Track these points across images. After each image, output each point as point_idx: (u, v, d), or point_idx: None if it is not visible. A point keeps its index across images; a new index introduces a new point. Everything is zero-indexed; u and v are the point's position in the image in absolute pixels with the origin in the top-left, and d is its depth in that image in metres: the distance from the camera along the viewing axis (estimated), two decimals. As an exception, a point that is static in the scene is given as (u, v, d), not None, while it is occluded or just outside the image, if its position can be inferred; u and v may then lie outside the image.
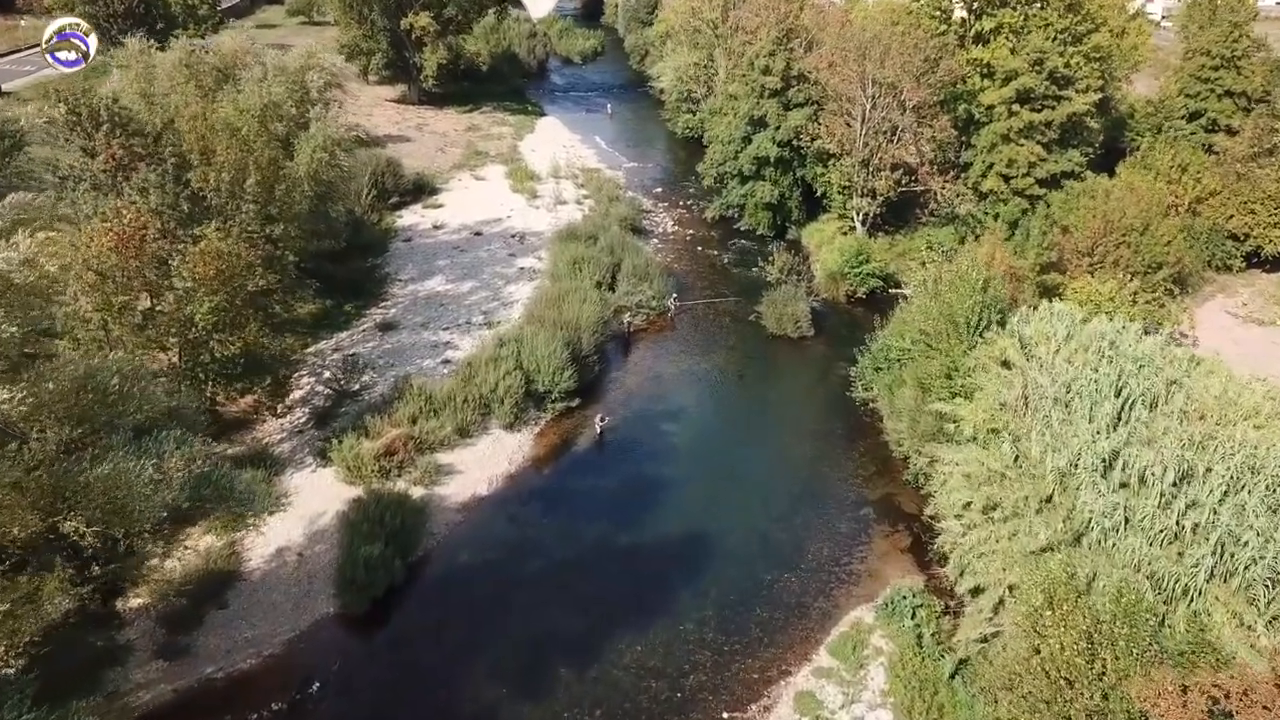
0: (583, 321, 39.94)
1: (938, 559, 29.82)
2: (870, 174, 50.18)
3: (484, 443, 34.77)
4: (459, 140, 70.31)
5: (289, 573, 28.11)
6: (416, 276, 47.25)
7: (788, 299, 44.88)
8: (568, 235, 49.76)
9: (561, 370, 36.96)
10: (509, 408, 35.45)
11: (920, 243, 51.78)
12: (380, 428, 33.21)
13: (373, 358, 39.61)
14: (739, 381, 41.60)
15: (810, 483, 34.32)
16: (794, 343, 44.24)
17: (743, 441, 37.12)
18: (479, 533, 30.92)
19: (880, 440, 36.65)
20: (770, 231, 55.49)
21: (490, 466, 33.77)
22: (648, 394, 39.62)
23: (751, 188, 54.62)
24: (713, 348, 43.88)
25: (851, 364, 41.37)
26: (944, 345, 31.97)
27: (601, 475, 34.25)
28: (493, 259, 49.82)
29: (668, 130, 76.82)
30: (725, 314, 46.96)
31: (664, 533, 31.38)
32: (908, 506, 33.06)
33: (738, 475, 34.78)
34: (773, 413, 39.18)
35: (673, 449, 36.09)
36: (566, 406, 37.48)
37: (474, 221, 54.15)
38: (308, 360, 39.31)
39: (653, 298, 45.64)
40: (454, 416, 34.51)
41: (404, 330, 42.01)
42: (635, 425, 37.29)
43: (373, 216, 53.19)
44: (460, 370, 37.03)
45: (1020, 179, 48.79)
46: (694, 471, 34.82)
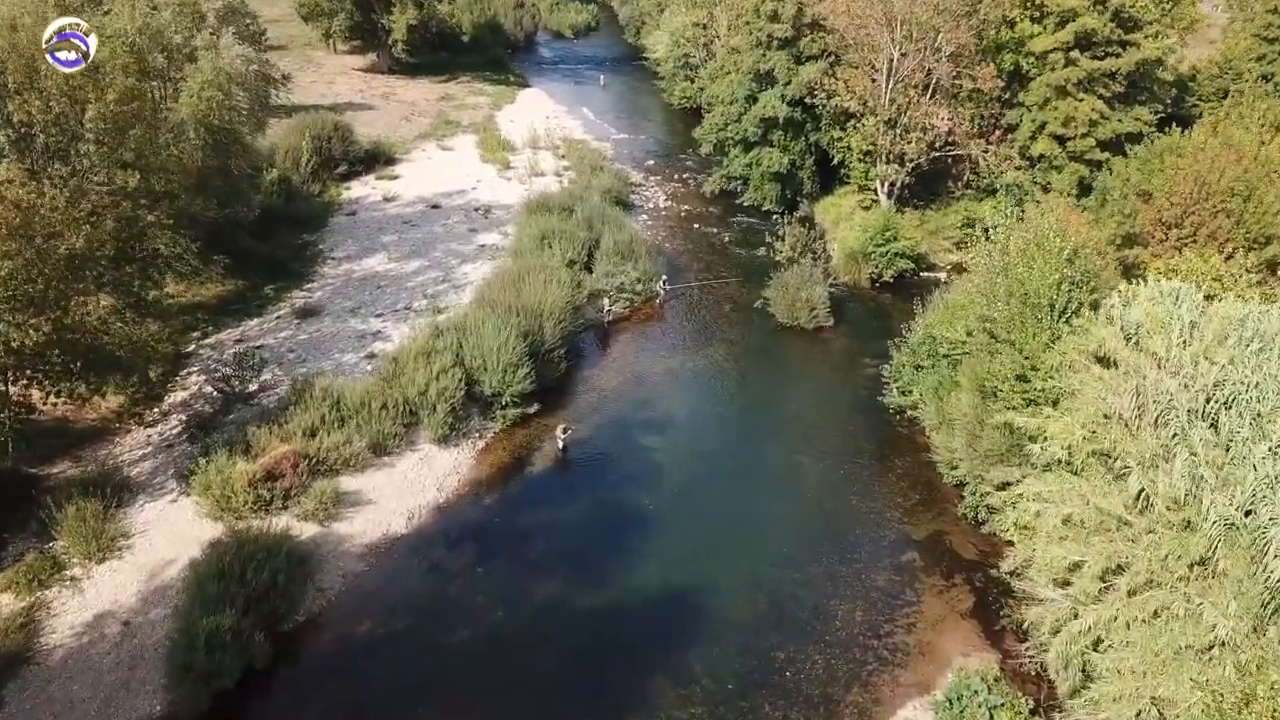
0: (547, 307, 31.45)
1: (1016, 629, 21.34)
2: (898, 136, 41.61)
3: (407, 462, 26.29)
4: (428, 110, 61.81)
5: (105, 652, 19.64)
6: (354, 254, 38.79)
7: (801, 282, 36.35)
8: (538, 207, 41.24)
9: (515, 368, 28.51)
10: (443, 416, 26.98)
11: (954, 218, 43.40)
12: (266, 442, 24.78)
13: (281, 351, 31.19)
14: (741, 383, 33.09)
15: (834, 518, 25.80)
16: (809, 335, 35.71)
17: (746, 462, 28.60)
18: (389, 588, 22.48)
19: (923, 459, 28.13)
20: (778, 207, 46.85)
21: (413, 494, 25.31)
22: (627, 399, 31.15)
23: (757, 155, 46.05)
24: (709, 341, 35.36)
25: (882, 361, 32.86)
26: (1016, 336, 23.43)
27: (562, 506, 25.77)
28: (449, 235, 41.34)
29: (663, 101, 68.12)
30: (725, 300, 38.44)
31: (640, 588, 22.92)
32: (965, 550, 24.55)
33: (740, 508, 26.30)
34: (784, 424, 30.64)
35: (656, 471, 27.60)
36: (521, 414, 29.02)
37: (432, 194, 45.67)
38: (201, 354, 30.94)
39: (637, 280, 37.14)
40: (368, 427, 26.06)
41: (327, 317, 33.56)
42: (609, 439, 28.82)
43: (312, 186, 44.78)
44: (382, 368, 28.57)
45: (1078, 140, 40.17)
46: (682, 502, 26.34)
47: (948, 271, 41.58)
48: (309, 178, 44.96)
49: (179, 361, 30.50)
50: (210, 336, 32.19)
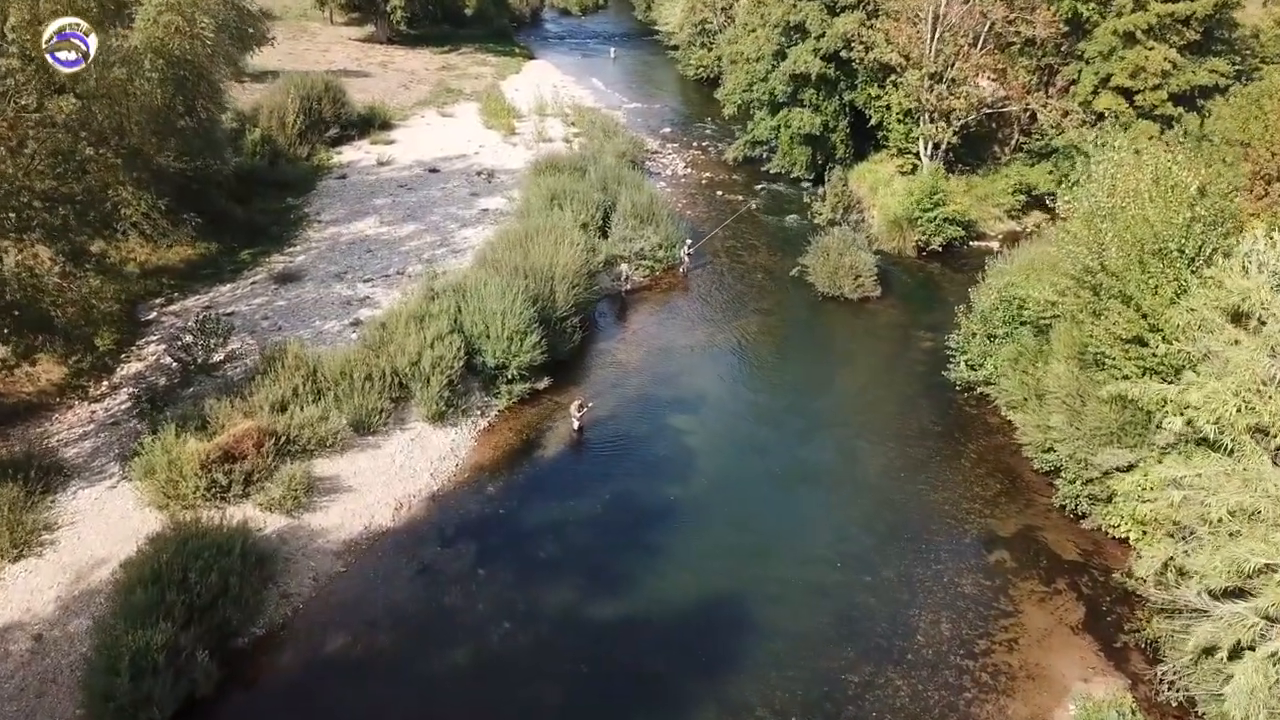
0: (559, 269, 27.21)
1: (1145, 647, 17.10)
2: (945, 91, 37.29)
3: (395, 443, 22.04)
4: (428, 78, 57.53)
5: (7, 674, 15.43)
6: (342, 218, 34.53)
7: (844, 247, 32.08)
8: (547, 167, 36.93)
9: (522, 336, 24.27)
10: (438, 390, 22.73)
11: (1004, 184, 39.04)
12: (226, 418, 20.56)
13: (255, 319, 26.97)
14: (780, 358, 28.81)
15: (903, 511, 21.51)
16: (853, 306, 31.41)
17: (792, 446, 24.32)
18: (370, 594, 18.25)
19: (999, 442, 23.87)
20: (808, 173, 42.58)
21: (401, 481, 21.06)
22: (650, 374, 26.90)
23: (785, 116, 41.71)
24: (741, 312, 31.07)
25: (938, 334, 28.65)
26: (1133, 290, 19.11)
27: (577, 496, 21.52)
28: (448, 198, 37.09)
29: (677, 73, 63.86)
30: (756, 268, 34.15)
31: (674, 597, 18.71)
32: (1063, 548, 20.26)
33: (790, 500, 22.05)
34: (833, 404, 26.35)
35: (686, 457, 23.36)
36: (529, 389, 24.78)
37: (431, 158, 41.40)
38: (164, 322, 26.74)
39: (658, 246, 32.87)
40: (349, 401, 21.82)
41: (309, 282, 29.32)
42: (630, 419, 24.57)
43: (300, 149, 40.52)
44: (368, 334, 24.33)
45: (1148, 94, 35.81)
46: (720, 492, 22.11)
47: (999, 240, 37.31)
48: (296, 140, 40.68)
49: (136, 330, 26.44)
50: (175, 303, 27.98)
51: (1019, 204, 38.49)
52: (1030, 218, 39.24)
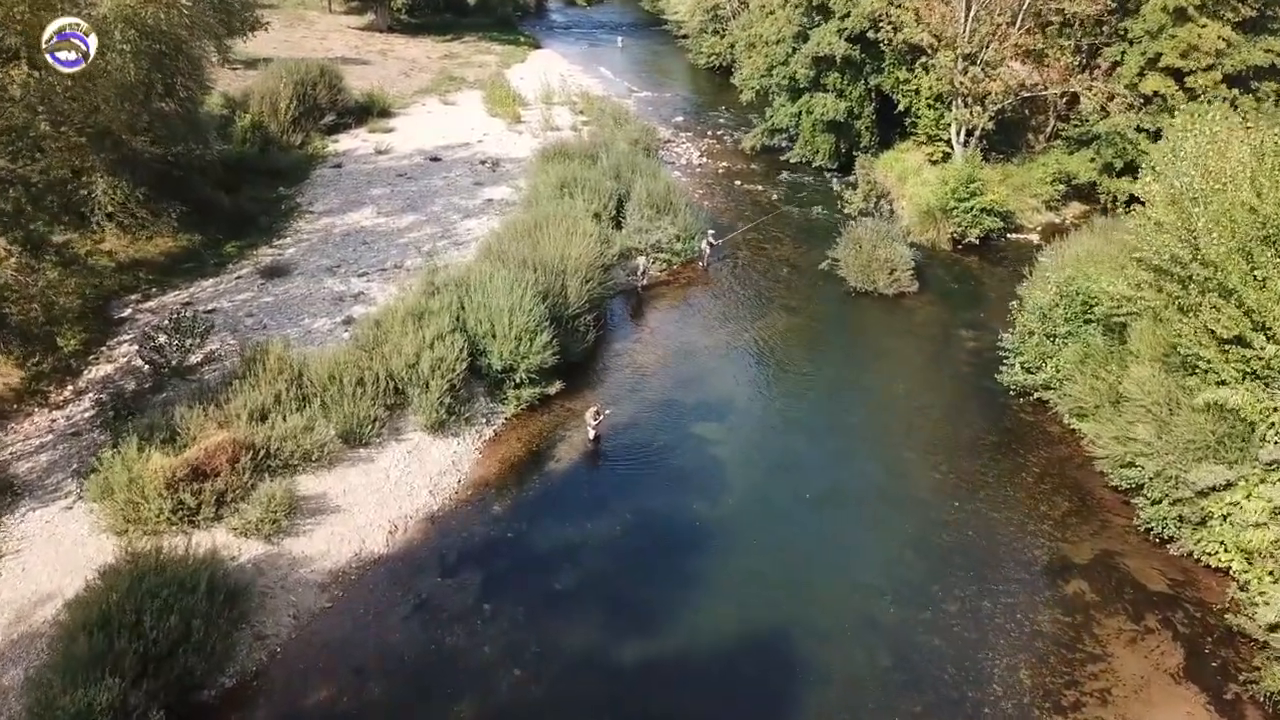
0: (570, 263, 24.68)
1: (1269, 700, 14.56)
2: (980, 74, 34.67)
3: (390, 456, 19.50)
4: (430, 67, 54.97)
5: (-76, 739, 13.01)
6: (337, 208, 32.00)
7: (878, 239, 29.51)
8: (556, 154, 34.38)
9: (532, 335, 21.72)
10: (438, 395, 20.18)
11: (1041, 174, 36.44)
12: (198, 428, 18.04)
13: (238, 316, 24.47)
14: (813, 359, 26.24)
15: (961, 533, 18.95)
16: (888, 302, 28.84)
17: (833, 458, 21.79)
18: (359, 634, 15.74)
19: (1064, 454, 21.31)
20: (831, 162, 40.01)
21: (397, 499, 18.54)
22: (671, 377, 24.35)
23: (807, 102, 39.11)
24: (767, 308, 28.50)
25: (982, 332, 26.22)
26: (1236, 282, 16.54)
27: (594, 516, 18.98)
28: (451, 188, 34.56)
29: (687, 62, 61.34)
30: (781, 262, 31.57)
31: (707, 635, 16.18)
32: (1150, 578, 17.69)
33: (833, 520, 19.50)
34: (874, 410, 23.77)
35: (715, 470, 20.83)
36: (540, 394, 22.23)
37: (432, 146, 38.86)
38: (139, 320, 24.23)
39: (677, 237, 30.32)
40: (338, 409, 19.29)
41: (298, 276, 26.80)
42: (651, 427, 22.04)
43: (293, 136, 38.00)
44: (361, 333, 21.80)
45: (1200, 75, 33.16)
46: (755, 511, 19.57)
47: (1039, 233, 34.73)
48: (289, 127, 38.14)
49: (108, 328, 23.95)
50: (153, 299, 25.47)
51: (1058, 194, 35.91)
52: (1069, 209, 36.70)
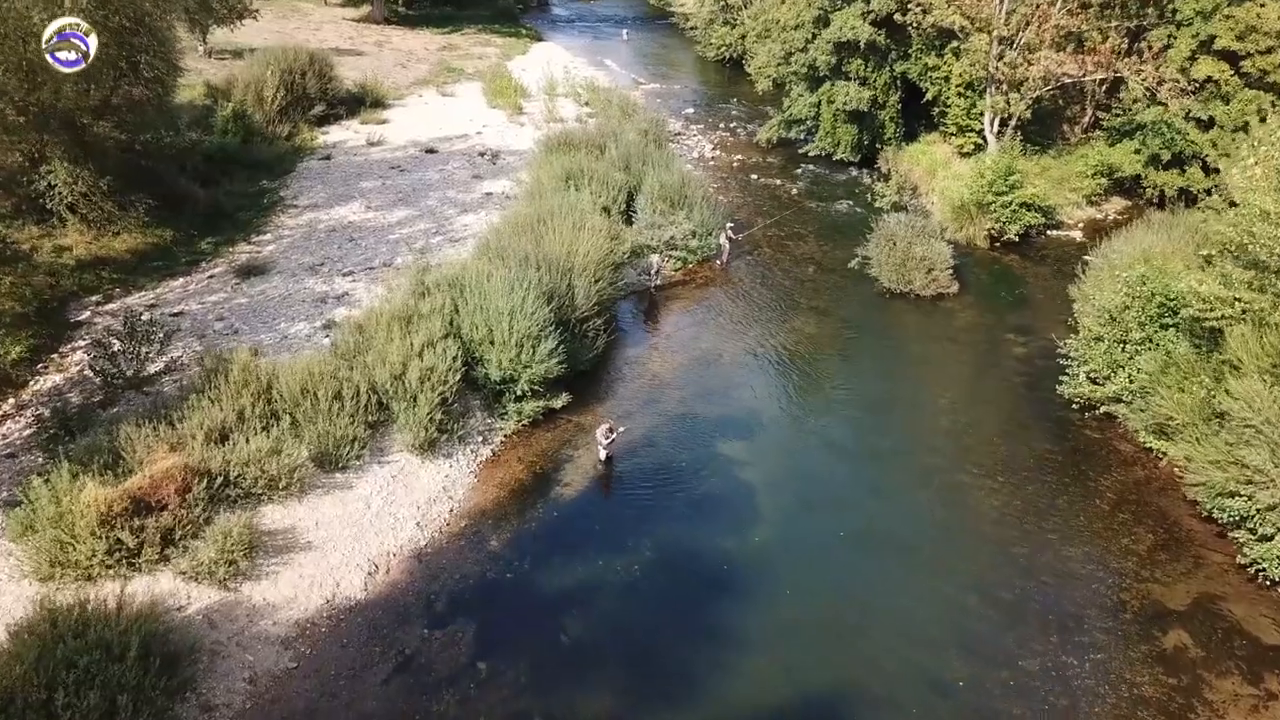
0: (578, 259, 22.04)
1: None
2: (1018, 58, 32.02)
3: (372, 482, 16.82)
4: (428, 58, 52.37)
5: None
6: (322, 202, 29.37)
7: (913, 236, 26.87)
8: (561, 144, 31.74)
9: (535, 341, 19.05)
10: (428, 410, 17.50)
11: (1081, 166, 33.82)
12: (145, 451, 15.38)
13: (207, 320, 21.83)
14: (847, 368, 23.55)
15: (1031, 573, 16.25)
16: (925, 304, 26.18)
17: (875, 482, 19.11)
18: (328, 705, 13.03)
19: (1142, 476, 18.63)
20: (854, 155, 37.34)
21: (377, 533, 15.86)
22: (690, 389, 21.68)
23: (829, 91, 36.44)
24: (793, 311, 25.82)
25: (1032, 337, 23.54)
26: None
27: (607, 551, 16.30)
28: (446, 181, 31.91)
29: (695, 55, 58.72)
30: (805, 260, 28.89)
31: (747, 699, 13.49)
32: (1262, 628, 14.98)
33: (879, 555, 16.80)
34: (918, 425, 21.08)
35: (744, 496, 18.14)
36: (544, 408, 19.55)
37: (428, 138, 36.27)
38: (98, 324, 21.58)
39: (693, 233, 27.67)
40: (311, 427, 16.62)
41: (277, 276, 24.16)
42: (670, 446, 19.36)
43: (279, 127, 35.41)
44: (341, 340, 19.12)
45: (1258, 59, 30.50)
46: (793, 545, 16.89)
47: (1081, 229, 32.09)
48: (275, 117, 35.57)
49: (62, 333, 21.33)
50: (115, 300, 22.83)
51: (1100, 189, 33.25)
52: (1110, 204, 34.06)
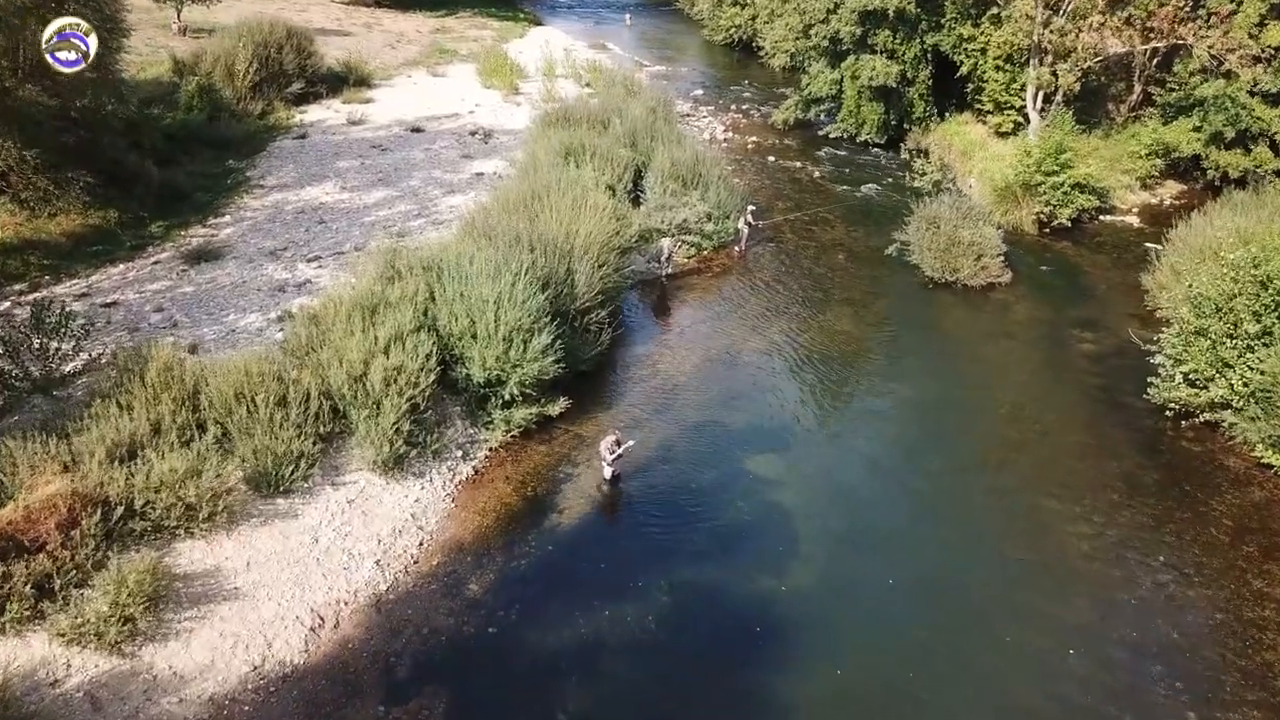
0: (579, 241, 18.72)
1: None
2: (1067, 24, 28.72)
3: (320, 508, 13.46)
4: (419, 40, 49.04)
5: None
6: (292, 182, 26.07)
7: (959, 220, 23.56)
8: (560, 119, 28.43)
9: (528, 334, 15.75)
10: (394, 420, 14.16)
11: (1132, 146, 30.47)
12: (38, 471, 12.05)
13: (143, 311, 18.52)
14: (890, 368, 20.18)
15: (1146, 623, 12.88)
16: (974, 295, 22.86)
17: (936, 506, 15.72)
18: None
19: (1261, 497, 15.30)
20: (879, 136, 34.05)
21: (326, 576, 12.50)
22: (709, 393, 18.35)
23: (853, 66, 33.11)
24: (824, 303, 22.49)
25: (1101, 333, 20.24)
26: None
27: (614, 597, 12.94)
28: (432, 161, 28.62)
29: (702, 40, 55.49)
30: (833, 246, 25.57)
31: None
32: None
33: (951, 597, 13.43)
34: (981, 436, 17.69)
35: (775, 526, 14.77)
36: (538, 416, 16.22)
37: (415, 117, 32.97)
38: (15, 315, 18.27)
39: (708, 216, 24.37)
40: (246, 442, 13.30)
41: (231, 262, 20.84)
42: (687, 463, 16.02)
43: (252, 104, 32.11)
44: (292, 334, 15.80)
45: (1337, 24, 27.27)
46: (839, 585, 13.53)
47: (1138, 215, 28.80)
48: (247, 94, 32.21)
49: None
50: (43, 288, 19.55)
51: (1155, 170, 29.92)
52: (1165, 188, 30.75)
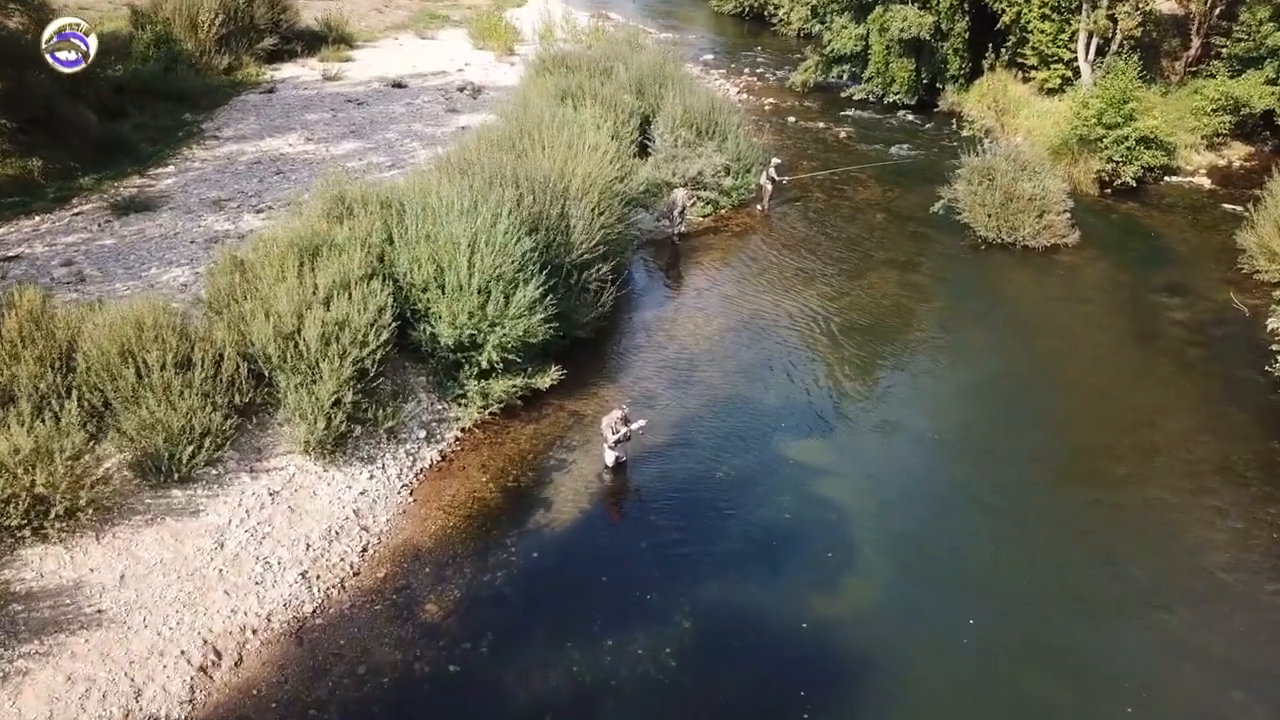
0: (576, 182, 15.40)
1: None
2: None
3: (231, 501, 10.13)
4: (410, 5, 45.72)
5: None
6: (251, 134, 22.76)
7: (1016, 173, 20.19)
8: (557, 64, 25.09)
9: (511, 285, 12.43)
10: (334, 388, 10.85)
11: (1196, 103, 27.06)
12: None
13: (49, 265, 15.21)
14: (949, 338, 16.80)
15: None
16: (1039, 257, 19.47)
17: (1029, 499, 12.37)
18: None
19: None
20: (909, 96, 30.66)
21: (230, 593, 9.18)
22: (732, 365, 15.02)
23: (881, 17, 29.72)
24: (863, 265, 19.10)
25: (1199, 299, 16.89)
26: None
27: (622, 626, 9.63)
28: (414, 114, 25.32)
29: (710, 9, 52.07)
30: (869, 206, 22.21)
31: None
32: None
33: (1077, 626, 10.10)
34: (1069, 422, 14.31)
35: (822, 526, 11.42)
36: (523, 389, 12.88)
37: (398, 74, 29.69)
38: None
39: (725, 169, 21.04)
40: (133, 414, 10.01)
41: (167, 212, 17.54)
42: (710, 447, 12.68)
43: (217, 59, 28.83)
44: (212, 282, 12.48)
45: None
46: (919, 614, 10.21)
47: (1207, 176, 25.46)
48: (212, 47, 28.96)
49: None
50: (-62, 244, 16.30)
51: (1224, 127, 26.55)
52: (1231, 149, 27.38)
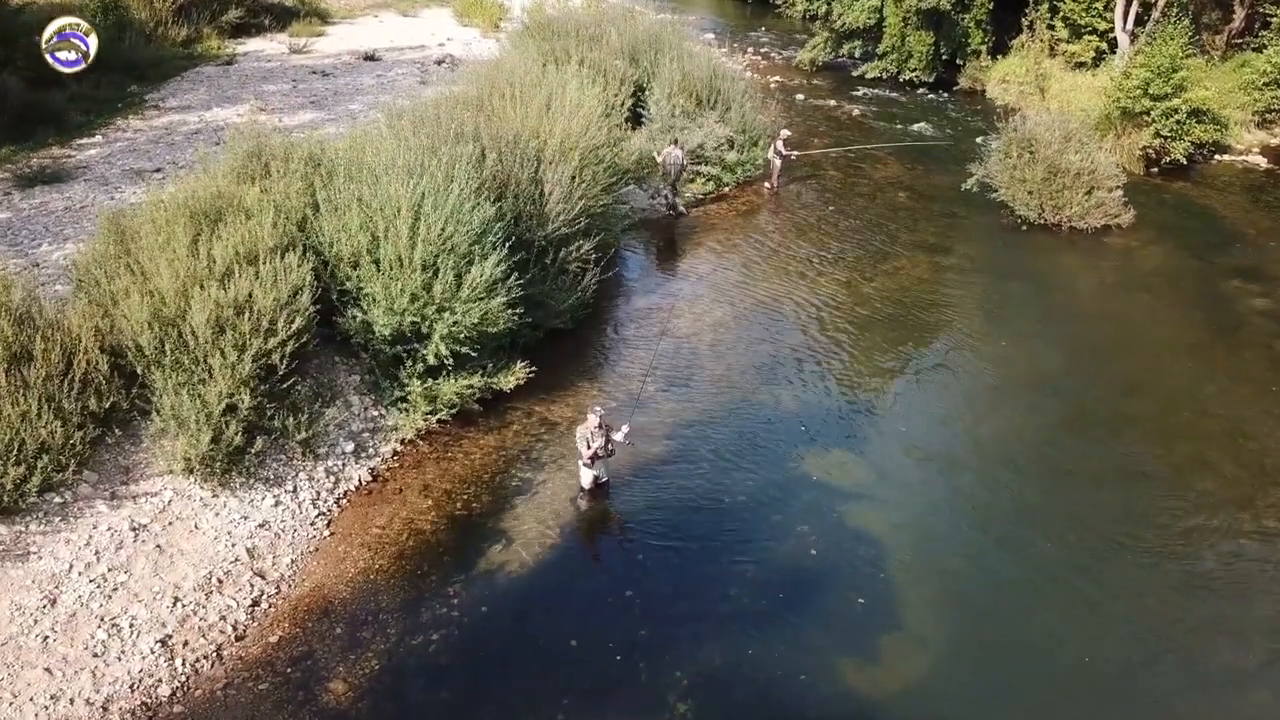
0: (553, 143, 12.85)
1: None
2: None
3: (77, 540, 7.49)
4: (393, -13, 43.29)
5: None
6: (198, 104, 20.21)
7: (1061, 145, 17.62)
8: (540, 29, 22.57)
9: (464, 260, 9.89)
10: (227, 388, 8.32)
11: (1246, 76, 24.56)
12: None
13: (-79, 241, 12.69)
14: (988, 330, 14.25)
15: None
16: (1086, 240, 16.91)
17: (1105, 546, 9.82)
18: None
19: None
20: (927, 73, 28.11)
21: (48, 675, 6.61)
22: (739, 362, 12.46)
23: (896, -14, 27.30)
24: (887, 248, 16.53)
25: (1275, 286, 14.31)
26: None
27: (601, 706, 7.13)
28: (383, 87, 22.74)
29: (711, -6, 49.75)
30: (890, 184, 19.66)
31: None
32: None
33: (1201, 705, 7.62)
34: (1148, 431, 11.80)
35: (851, 574, 8.89)
36: (480, 389, 10.34)
37: (372, 48, 27.17)
38: None
39: (729, 142, 18.50)
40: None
41: (81, 184, 15.00)
42: (713, 467, 10.14)
43: (175, 30, 26.33)
44: (81, 254, 9.94)
45: None
46: (972, 679, 7.70)
47: (1262, 155, 22.96)
48: (169, 17, 26.48)
49: None
50: None
51: (1277, 103, 24.03)
52: (1281, 128, 24.90)
